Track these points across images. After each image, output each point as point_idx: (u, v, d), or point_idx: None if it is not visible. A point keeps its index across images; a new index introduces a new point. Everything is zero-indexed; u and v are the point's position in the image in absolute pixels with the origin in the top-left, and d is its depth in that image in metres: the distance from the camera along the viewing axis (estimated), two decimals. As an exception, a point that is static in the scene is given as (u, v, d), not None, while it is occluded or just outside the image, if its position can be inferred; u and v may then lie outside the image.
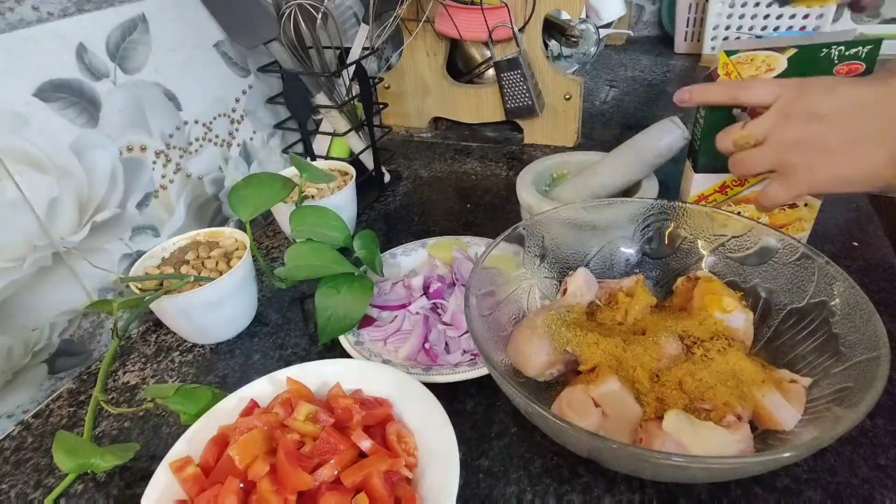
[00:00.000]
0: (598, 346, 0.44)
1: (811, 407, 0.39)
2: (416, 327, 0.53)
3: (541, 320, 0.46)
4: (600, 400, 0.40)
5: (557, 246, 0.53)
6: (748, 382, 0.41)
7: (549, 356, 0.44)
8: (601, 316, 0.49)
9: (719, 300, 0.46)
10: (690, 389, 0.41)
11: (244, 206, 0.56)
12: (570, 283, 0.51)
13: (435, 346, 0.51)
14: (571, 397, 0.41)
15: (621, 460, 0.37)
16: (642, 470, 0.37)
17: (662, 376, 0.42)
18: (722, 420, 0.38)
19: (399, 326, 0.54)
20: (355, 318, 0.53)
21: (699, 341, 0.44)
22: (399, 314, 0.55)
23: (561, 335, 0.45)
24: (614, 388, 0.40)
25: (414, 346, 0.51)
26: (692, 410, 0.39)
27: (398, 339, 0.53)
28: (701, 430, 0.37)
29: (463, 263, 0.58)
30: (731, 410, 0.39)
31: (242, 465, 0.36)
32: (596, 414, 0.39)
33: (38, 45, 0.49)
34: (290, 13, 0.68)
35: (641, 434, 0.39)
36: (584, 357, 0.44)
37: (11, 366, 0.51)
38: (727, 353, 0.43)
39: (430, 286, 0.56)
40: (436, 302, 0.55)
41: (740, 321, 0.46)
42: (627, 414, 0.40)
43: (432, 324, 0.53)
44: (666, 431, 0.37)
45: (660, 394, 0.41)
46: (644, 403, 0.41)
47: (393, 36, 0.88)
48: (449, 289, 0.56)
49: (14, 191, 0.49)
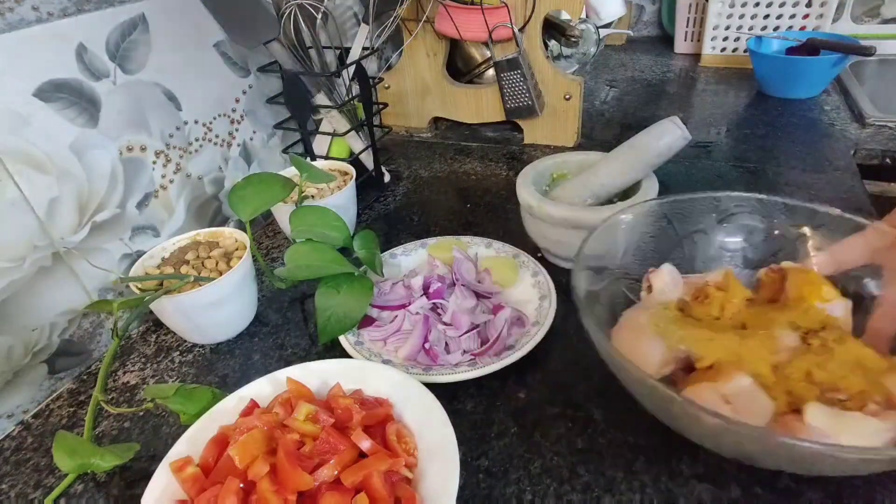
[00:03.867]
0: (714, 342, 0.42)
1: None
2: (416, 327, 0.53)
3: (644, 319, 0.44)
4: (731, 397, 0.38)
5: (638, 243, 0.52)
6: (874, 370, 0.39)
7: (664, 355, 0.42)
8: (695, 312, 0.47)
9: (818, 289, 0.44)
10: (821, 380, 0.39)
11: (244, 205, 0.56)
12: (654, 279, 0.49)
13: (435, 346, 0.51)
14: (699, 395, 0.39)
15: (785, 457, 0.35)
16: (799, 465, 0.36)
17: (786, 369, 0.40)
18: (863, 409, 0.37)
19: (399, 326, 0.54)
20: (355, 319, 0.53)
21: (812, 331, 0.42)
22: (399, 314, 0.55)
23: (672, 333, 0.43)
24: (745, 383, 0.39)
25: (414, 346, 0.51)
26: (827, 402, 0.38)
27: (398, 339, 0.53)
28: (848, 421, 0.35)
29: (463, 263, 0.58)
30: (869, 399, 0.37)
31: (242, 465, 0.36)
32: (728, 412, 0.37)
33: (38, 45, 0.49)
34: (290, 13, 0.68)
35: (778, 429, 0.37)
36: (701, 354, 0.42)
37: (11, 366, 0.51)
38: (846, 342, 0.41)
39: (430, 286, 0.56)
40: (436, 302, 0.55)
41: (840, 310, 0.44)
42: (760, 409, 0.38)
43: (432, 324, 0.53)
44: (811, 425, 0.35)
45: (787, 387, 0.39)
46: (773, 398, 0.39)
47: (393, 36, 0.87)
48: (449, 289, 0.56)
49: (14, 191, 0.49)
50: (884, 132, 0.87)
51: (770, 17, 1.12)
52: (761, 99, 1.04)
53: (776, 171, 0.78)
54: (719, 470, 0.40)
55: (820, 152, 0.82)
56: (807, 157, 0.81)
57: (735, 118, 0.97)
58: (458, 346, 0.52)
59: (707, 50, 1.21)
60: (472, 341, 0.52)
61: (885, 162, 0.83)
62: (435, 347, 0.51)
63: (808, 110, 0.97)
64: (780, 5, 1.10)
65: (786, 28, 1.11)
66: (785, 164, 0.80)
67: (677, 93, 1.11)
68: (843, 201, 0.69)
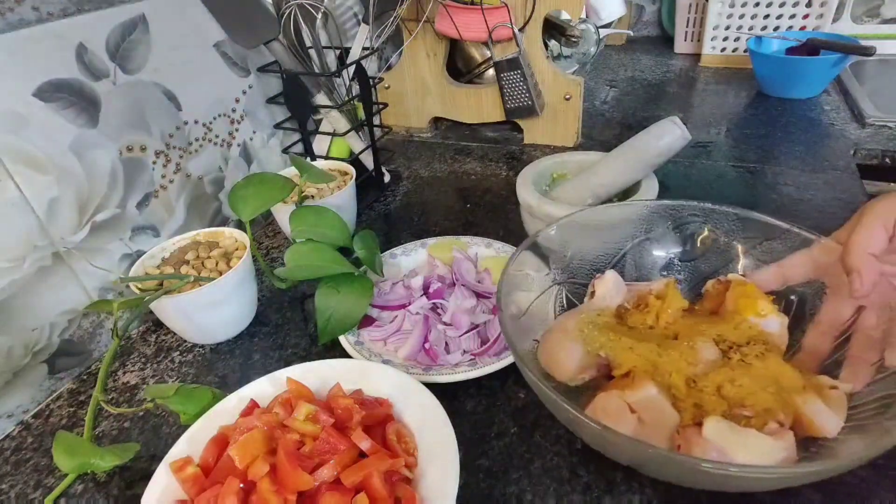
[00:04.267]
0: (633, 351, 0.42)
1: (853, 414, 0.38)
2: (415, 327, 0.53)
3: (572, 324, 0.45)
4: (636, 406, 0.39)
5: (582, 249, 0.52)
6: (788, 388, 0.39)
7: (582, 360, 0.43)
8: (631, 319, 0.48)
9: (754, 304, 0.45)
10: (730, 395, 0.39)
11: (244, 205, 0.56)
12: (598, 285, 0.49)
13: (435, 346, 0.51)
14: (607, 403, 0.40)
15: (668, 469, 0.35)
16: (684, 478, 0.36)
17: (700, 382, 0.40)
18: (763, 427, 0.37)
19: (399, 326, 0.54)
20: (355, 319, 0.53)
21: (735, 346, 0.43)
22: (399, 314, 0.55)
23: (594, 339, 0.43)
24: (651, 393, 0.39)
25: (414, 346, 0.51)
26: (732, 417, 0.38)
27: (398, 339, 0.53)
28: (744, 438, 0.35)
29: (463, 263, 0.58)
30: (773, 417, 0.37)
31: (242, 465, 0.36)
32: (632, 420, 0.38)
33: (38, 45, 0.49)
34: (290, 13, 0.68)
35: (679, 441, 0.37)
36: (619, 361, 0.42)
37: (11, 366, 0.51)
38: (766, 359, 0.41)
39: (430, 286, 0.56)
40: (436, 302, 0.55)
41: (775, 325, 0.44)
42: (664, 420, 0.38)
43: (432, 324, 0.53)
44: (707, 439, 0.35)
45: (697, 399, 0.39)
46: (681, 409, 0.39)
47: (393, 36, 0.87)
48: (449, 289, 0.56)
49: (14, 191, 0.49)
50: (883, 132, 0.87)
51: (770, 17, 1.12)
52: (761, 99, 1.04)
53: (776, 170, 0.78)
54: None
55: (819, 152, 0.83)
56: (806, 157, 0.81)
57: (735, 118, 0.97)
58: (458, 346, 0.52)
59: (707, 50, 1.21)
60: (472, 341, 0.52)
61: (885, 162, 0.83)
62: (435, 347, 0.51)
63: (808, 110, 0.97)
64: (780, 5, 1.10)
65: (786, 28, 1.11)
66: (784, 163, 0.80)
67: (677, 93, 1.11)
68: (842, 201, 0.69)
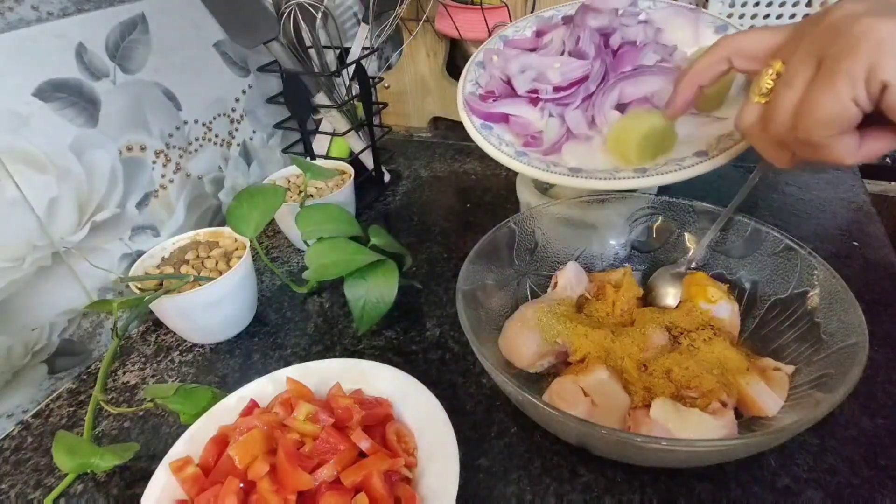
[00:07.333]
0: (587, 338, 0.45)
1: (794, 393, 0.40)
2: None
3: (531, 313, 0.47)
4: (589, 389, 0.41)
5: (548, 241, 0.54)
6: (733, 371, 0.42)
7: (540, 348, 0.45)
8: (590, 308, 0.50)
9: (704, 291, 0.47)
10: (677, 378, 0.42)
11: (246, 225, 0.55)
12: (560, 276, 0.52)
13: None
14: (561, 387, 0.42)
15: (610, 446, 0.37)
16: (631, 455, 0.38)
17: (650, 366, 0.43)
18: (707, 407, 0.39)
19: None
20: (389, 301, 0.53)
21: (685, 332, 0.46)
22: None
23: (551, 327, 0.46)
24: (602, 377, 0.42)
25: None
26: (679, 398, 0.41)
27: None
28: (687, 417, 0.38)
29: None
30: (716, 398, 0.40)
31: (242, 465, 0.36)
32: (585, 403, 0.40)
33: (37, 45, 0.49)
34: (290, 13, 0.68)
35: (630, 422, 0.40)
36: (574, 348, 0.45)
37: (11, 366, 0.51)
38: (713, 343, 0.44)
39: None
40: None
41: (726, 311, 0.47)
42: (616, 402, 0.41)
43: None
44: (653, 418, 0.38)
45: (647, 383, 0.42)
46: (632, 392, 0.42)
47: (393, 36, 0.87)
48: None
49: (14, 191, 0.49)
50: (884, 132, 0.86)
51: (770, 17, 1.12)
52: (761, 99, 1.03)
53: (776, 170, 0.78)
54: (719, 469, 0.40)
55: (820, 152, 0.82)
56: (807, 157, 0.81)
57: (735, 118, 0.97)
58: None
59: (707, 50, 1.21)
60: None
61: (885, 162, 0.83)
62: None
63: (808, 110, 0.97)
64: (780, 5, 1.10)
65: (786, 28, 1.11)
66: (785, 163, 0.80)
67: (677, 92, 1.11)
68: (844, 201, 0.69)
